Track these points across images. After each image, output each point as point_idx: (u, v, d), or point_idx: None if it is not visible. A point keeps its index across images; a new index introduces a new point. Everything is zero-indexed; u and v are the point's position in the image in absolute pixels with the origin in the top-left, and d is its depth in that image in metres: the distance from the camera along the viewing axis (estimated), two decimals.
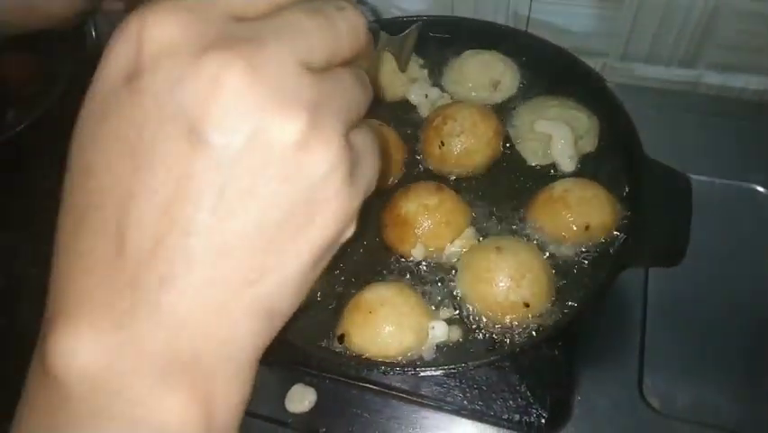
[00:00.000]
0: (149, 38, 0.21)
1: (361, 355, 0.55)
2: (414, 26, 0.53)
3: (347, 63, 0.25)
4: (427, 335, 0.55)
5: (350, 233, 0.26)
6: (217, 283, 0.22)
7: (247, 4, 0.23)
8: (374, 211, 0.64)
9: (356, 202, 0.25)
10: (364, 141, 0.25)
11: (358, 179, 0.24)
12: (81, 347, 0.22)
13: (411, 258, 0.61)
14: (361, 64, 0.26)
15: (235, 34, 0.21)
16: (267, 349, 0.26)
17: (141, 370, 0.22)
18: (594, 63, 0.79)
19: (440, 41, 0.75)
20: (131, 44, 0.22)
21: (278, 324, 0.25)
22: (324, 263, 0.26)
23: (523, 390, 0.61)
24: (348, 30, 0.24)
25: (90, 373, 0.22)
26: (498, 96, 0.71)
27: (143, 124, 0.21)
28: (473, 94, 0.71)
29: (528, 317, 0.55)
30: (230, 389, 0.24)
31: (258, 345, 0.24)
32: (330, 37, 0.24)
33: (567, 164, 0.64)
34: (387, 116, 0.71)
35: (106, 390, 0.22)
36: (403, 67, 0.54)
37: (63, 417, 0.23)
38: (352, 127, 0.24)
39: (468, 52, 0.72)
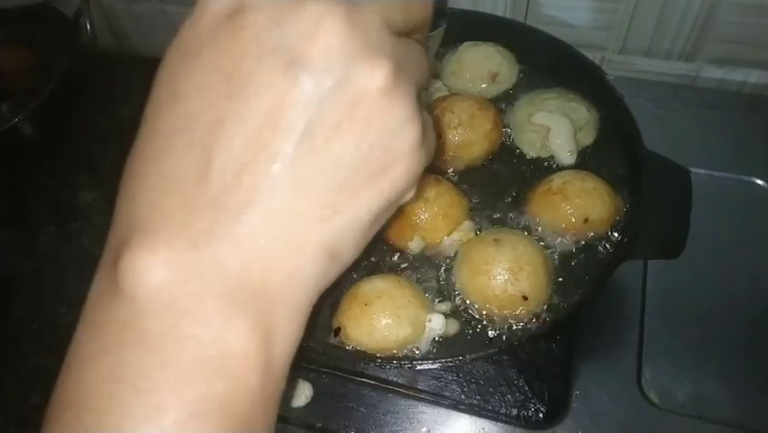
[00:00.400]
0: None
1: (357, 349, 0.55)
2: (442, 26, 0.52)
3: (409, 35, 0.27)
4: (424, 328, 0.55)
5: (410, 195, 0.27)
6: (294, 215, 0.23)
7: None
8: None
9: (423, 164, 0.26)
10: (426, 113, 0.27)
11: (425, 144, 0.26)
12: (156, 262, 0.22)
13: (408, 251, 0.60)
14: (420, 39, 0.28)
15: None
16: None
17: (212, 292, 0.23)
18: (593, 56, 0.79)
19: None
20: None
21: (336, 271, 0.26)
22: (382, 222, 0.27)
23: (521, 384, 0.60)
24: (420, 2, 0.27)
25: (163, 290, 0.22)
26: (497, 89, 0.70)
27: (242, 57, 0.23)
28: (471, 86, 0.70)
29: (526, 310, 0.55)
30: (289, 327, 0.24)
31: (318, 286, 0.25)
32: (407, 5, 0.26)
33: (566, 157, 0.64)
34: None
35: (177, 309, 0.22)
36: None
37: (129, 335, 0.23)
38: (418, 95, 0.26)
39: (466, 44, 0.72)
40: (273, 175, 0.22)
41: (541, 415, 0.59)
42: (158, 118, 0.24)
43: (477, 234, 0.60)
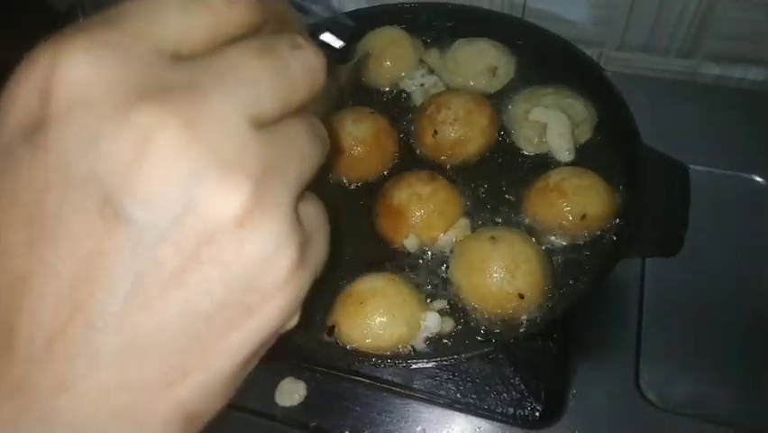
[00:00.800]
0: (60, 79, 0.17)
1: (351, 347, 0.54)
2: (360, 56, 0.50)
3: (299, 110, 0.21)
4: (419, 326, 0.54)
5: (293, 323, 0.22)
6: (126, 387, 0.19)
7: (181, 39, 0.19)
8: (366, 201, 0.63)
9: (304, 289, 0.21)
10: (315, 212, 0.22)
11: (308, 261, 0.21)
12: None
13: (404, 248, 0.60)
14: (316, 109, 0.23)
15: (169, 80, 0.18)
16: None
17: None
18: (591, 52, 0.78)
19: (434, 29, 0.74)
20: (36, 85, 0.18)
21: (198, 428, 0.21)
22: (259, 358, 0.22)
23: (517, 382, 0.60)
24: (304, 73, 0.20)
25: None
26: (494, 85, 0.69)
27: (45, 189, 0.17)
28: (469, 82, 0.69)
29: (523, 309, 0.54)
30: None
31: None
32: (283, 83, 0.20)
33: (563, 153, 0.63)
34: (379, 104, 0.69)
35: None
36: (345, 100, 0.51)
37: None
38: (302, 194, 0.21)
39: (462, 40, 0.71)
40: (93, 343, 0.18)
41: (537, 414, 0.58)
42: None
43: (473, 231, 0.60)
